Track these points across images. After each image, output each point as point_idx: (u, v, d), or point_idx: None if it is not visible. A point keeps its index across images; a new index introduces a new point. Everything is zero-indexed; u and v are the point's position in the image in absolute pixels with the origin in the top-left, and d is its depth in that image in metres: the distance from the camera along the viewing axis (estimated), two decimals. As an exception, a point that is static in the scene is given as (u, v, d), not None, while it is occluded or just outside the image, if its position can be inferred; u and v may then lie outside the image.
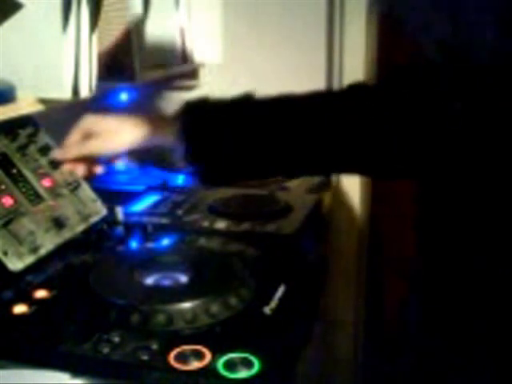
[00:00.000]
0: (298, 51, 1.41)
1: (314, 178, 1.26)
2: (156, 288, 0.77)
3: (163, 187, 1.19)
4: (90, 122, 0.81)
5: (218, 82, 1.47)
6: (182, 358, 0.61)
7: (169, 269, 0.80)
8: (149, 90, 1.23)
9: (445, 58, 0.52)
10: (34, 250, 0.82)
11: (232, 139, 0.75)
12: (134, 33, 1.04)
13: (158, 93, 1.39)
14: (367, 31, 1.37)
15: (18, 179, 0.86)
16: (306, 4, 1.38)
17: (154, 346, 0.63)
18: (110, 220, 0.98)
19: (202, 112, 0.76)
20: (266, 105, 0.78)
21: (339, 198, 1.47)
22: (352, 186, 1.48)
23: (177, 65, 1.22)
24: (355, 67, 1.38)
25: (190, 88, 1.46)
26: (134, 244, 0.93)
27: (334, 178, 1.42)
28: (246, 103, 0.79)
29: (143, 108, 1.29)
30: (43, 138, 0.94)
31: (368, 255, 1.56)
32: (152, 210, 1.07)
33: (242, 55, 1.43)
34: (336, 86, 1.39)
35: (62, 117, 0.88)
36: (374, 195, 1.54)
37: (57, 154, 0.85)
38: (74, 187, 0.95)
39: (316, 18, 1.38)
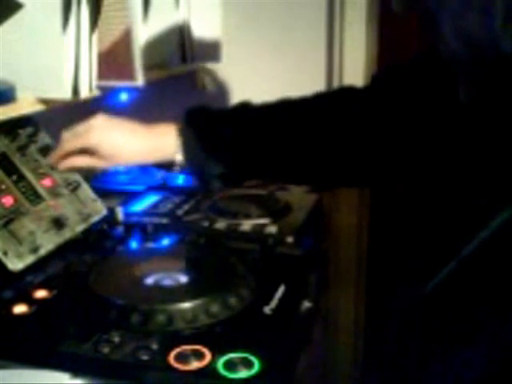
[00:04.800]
0: (298, 51, 1.41)
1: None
2: (156, 288, 0.77)
3: (163, 187, 1.19)
4: (96, 140, 0.81)
5: (217, 82, 1.48)
6: (182, 358, 0.61)
7: (169, 269, 0.80)
8: (149, 90, 1.23)
9: (470, 51, 0.51)
10: (34, 250, 0.82)
11: (231, 149, 0.77)
12: (133, 33, 1.04)
13: (157, 93, 1.39)
14: (367, 31, 1.37)
15: (18, 179, 0.86)
16: (306, 4, 1.38)
17: (154, 346, 0.63)
18: (110, 220, 0.98)
19: (202, 122, 0.78)
20: (262, 112, 0.80)
21: (339, 198, 1.47)
22: (352, 186, 1.48)
23: (177, 65, 1.22)
24: (355, 67, 1.38)
25: (190, 88, 1.47)
26: (134, 244, 0.93)
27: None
28: (243, 111, 0.81)
29: (143, 108, 1.29)
30: (43, 138, 0.94)
31: (368, 255, 1.56)
32: (152, 210, 1.07)
33: (242, 55, 1.43)
34: (336, 86, 1.39)
35: (61, 117, 0.88)
36: (374, 195, 1.54)
37: (54, 160, 0.85)
38: (74, 187, 0.94)
39: (316, 18, 1.38)
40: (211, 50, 1.35)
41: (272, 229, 0.97)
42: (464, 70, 0.54)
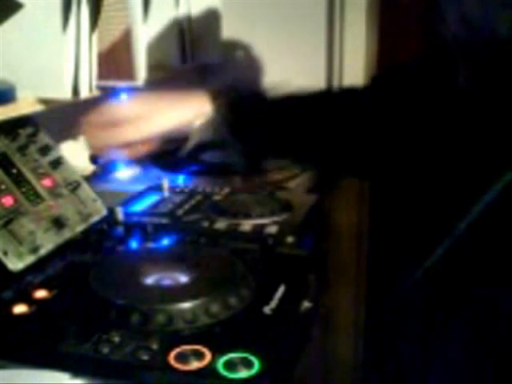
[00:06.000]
0: (298, 52, 1.41)
1: (314, 178, 1.26)
2: (156, 288, 0.77)
3: (163, 187, 1.19)
4: (112, 110, 0.79)
5: (217, 81, 1.48)
6: (182, 358, 0.61)
7: (169, 269, 0.80)
8: (149, 90, 1.23)
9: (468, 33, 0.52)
10: (34, 250, 0.82)
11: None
12: (133, 33, 1.04)
13: (157, 93, 1.39)
14: (367, 31, 1.37)
15: (18, 179, 0.86)
16: (306, 4, 1.38)
17: (154, 346, 0.63)
18: (110, 220, 0.98)
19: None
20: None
21: (339, 198, 1.47)
22: (352, 185, 1.48)
23: (177, 65, 1.22)
24: (355, 67, 1.38)
25: (190, 88, 1.46)
26: (134, 244, 0.93)
27: (334, 178, 1.42)
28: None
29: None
30: (43, 138, 0.94)
31: (368, 255, 1.56)
32: (152, 210, 1.07)
33: (241, 56, 1.43)
34: (336, 86, 1.40)
35: (61, 117, 0.88)
36: (374, 195, 1.55)
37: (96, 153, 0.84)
38: (74, 187, 0.94)
39: (316, 18, 1.39)
40: (211, 50, 1.35)
41: (272, 229, 0.97)
42: (464, 54, 0.54)
